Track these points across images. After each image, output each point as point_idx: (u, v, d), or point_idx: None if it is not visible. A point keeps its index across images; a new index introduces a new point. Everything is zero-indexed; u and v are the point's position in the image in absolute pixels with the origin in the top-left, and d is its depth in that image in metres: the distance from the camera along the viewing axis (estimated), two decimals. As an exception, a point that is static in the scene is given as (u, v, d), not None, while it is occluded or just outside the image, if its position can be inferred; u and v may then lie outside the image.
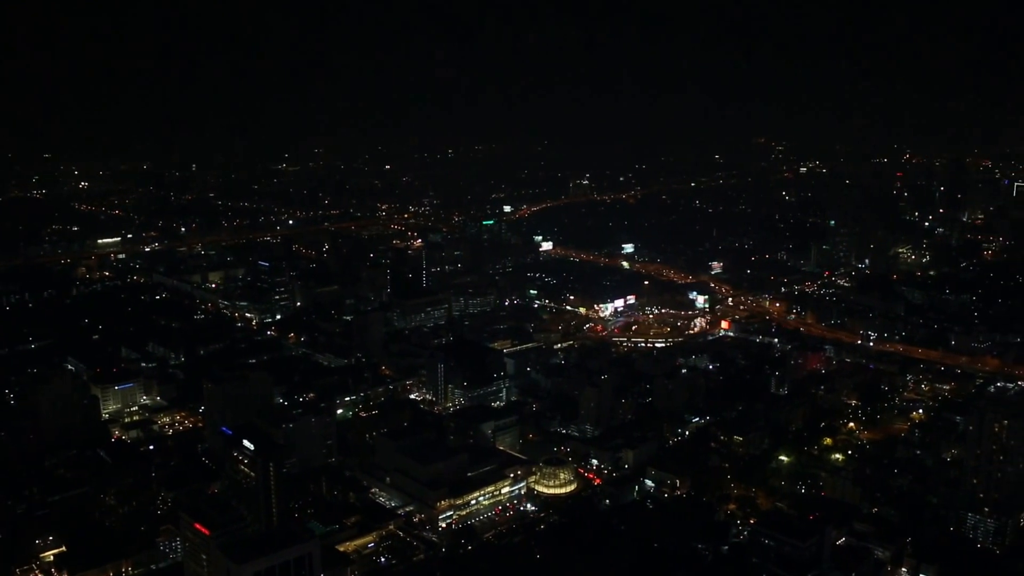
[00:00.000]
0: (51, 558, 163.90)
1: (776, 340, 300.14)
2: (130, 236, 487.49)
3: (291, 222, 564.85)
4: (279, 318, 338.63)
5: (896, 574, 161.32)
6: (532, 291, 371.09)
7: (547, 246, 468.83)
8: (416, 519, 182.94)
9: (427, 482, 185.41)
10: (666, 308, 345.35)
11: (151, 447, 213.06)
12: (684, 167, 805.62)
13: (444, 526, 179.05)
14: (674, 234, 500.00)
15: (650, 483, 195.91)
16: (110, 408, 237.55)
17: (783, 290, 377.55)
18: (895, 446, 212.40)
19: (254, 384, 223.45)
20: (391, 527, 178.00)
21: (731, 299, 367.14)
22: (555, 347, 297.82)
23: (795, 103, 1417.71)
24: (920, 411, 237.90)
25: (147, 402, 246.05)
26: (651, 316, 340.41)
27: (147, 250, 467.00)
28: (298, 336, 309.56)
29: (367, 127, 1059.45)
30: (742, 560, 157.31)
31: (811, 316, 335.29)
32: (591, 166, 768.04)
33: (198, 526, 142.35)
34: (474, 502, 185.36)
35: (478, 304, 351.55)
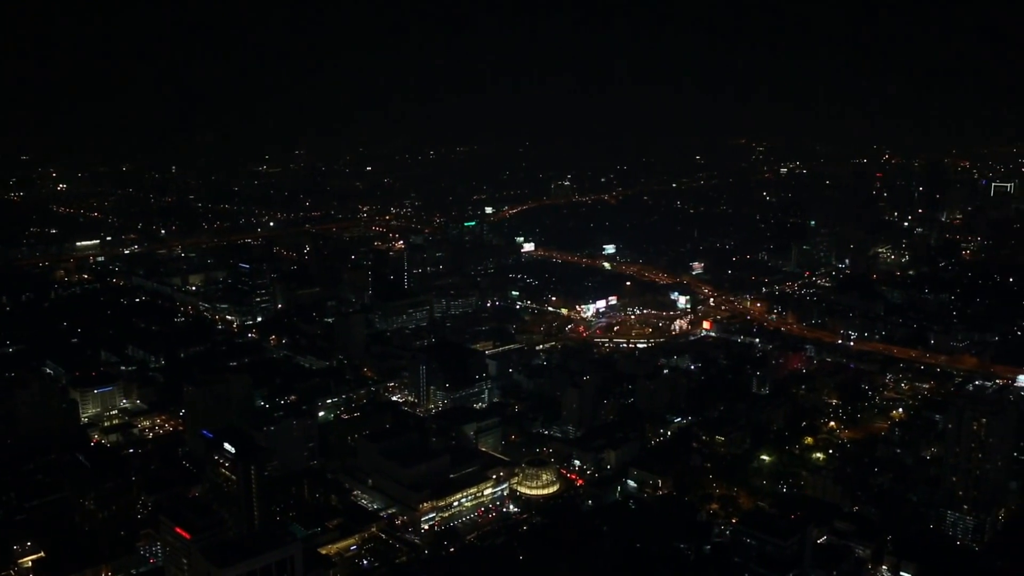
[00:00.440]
0: (29, 564, 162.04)
1: (757, 340, 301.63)
2: (109, 238, 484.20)
3: (272, 224, 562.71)
4: (260, 320, 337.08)
5: (876, 572, 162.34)
6: (514, 292, 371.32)
7: (529, 247, 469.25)
8: (398, 521, 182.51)
9: (409, 484, 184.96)
10: (648, 309, 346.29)
11: (131, 451, 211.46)
12: (665, 168, 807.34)
13: (427, 528, 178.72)
14: (655, 235, 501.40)
15: (632, 483, 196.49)
16: (89, 412, 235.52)
17: (764, 290, 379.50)
18: (875, 445, 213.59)
19: (235, 387, 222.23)
20: (373, 529, 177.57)
21: (712, 299, 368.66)
22: (537, 348, 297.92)
23: (776, 104, 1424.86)
24: (900, 410, 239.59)
25: (127, 405, 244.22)
26: (633, 317, 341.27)
27: (126, 252, 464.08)
28: (279, 338, 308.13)
29: (348, 128, 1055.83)
30: (724, 559, 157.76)
31: (792, 316, 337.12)
32: (573, 167, 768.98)
33: (179, 530, 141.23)
34: (457, 504, 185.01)
35: (460, 305, 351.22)
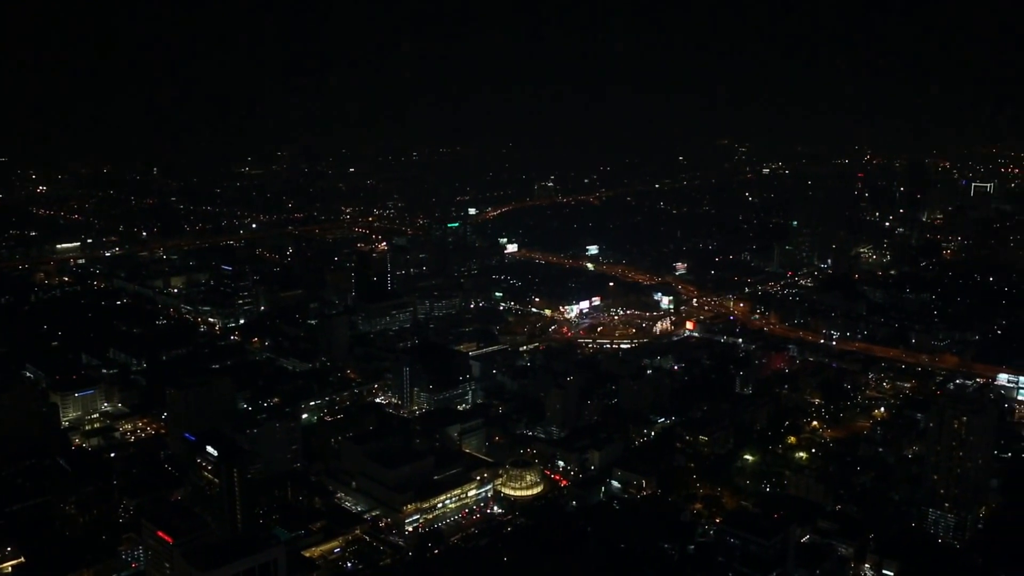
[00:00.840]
0: (9, 569, 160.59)
1: (740, 340, 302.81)
2: (90, 241, 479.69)
3: (254, 226, 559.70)
4: (243, 323, 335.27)
5: (859, 570, 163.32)
6: (497, 293, 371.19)
7: (512, 248, 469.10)
8: (382, 523, 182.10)
9: (393, 486, 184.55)
10: (631, 309, 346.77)
11: (112, 455, 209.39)
12: (648, 169, 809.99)
13: (411, 530, 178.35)
14: (639, 235, 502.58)
15: (616, 484, 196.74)
16: (70, 416, 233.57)
17: (747, 290, 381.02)
18: (858, 444, 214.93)
19: (217, 390, 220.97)
20: (357, 532, 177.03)
21: (696, 300, 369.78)
22: (521, 349, 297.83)
23: (757, 104, 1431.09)
24: (882, 409, 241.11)
25: (108, 409, 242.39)
26: (616, 317, 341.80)
27: (107, 255, 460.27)
28: (262, 341, 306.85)
29: (331, 130, 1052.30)
30: (708, 559, 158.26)
31: (775, 316, 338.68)
32: (556, 168, 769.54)
33: (161, 534, 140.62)
34: (441, 505, 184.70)
35: (443, 307, 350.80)
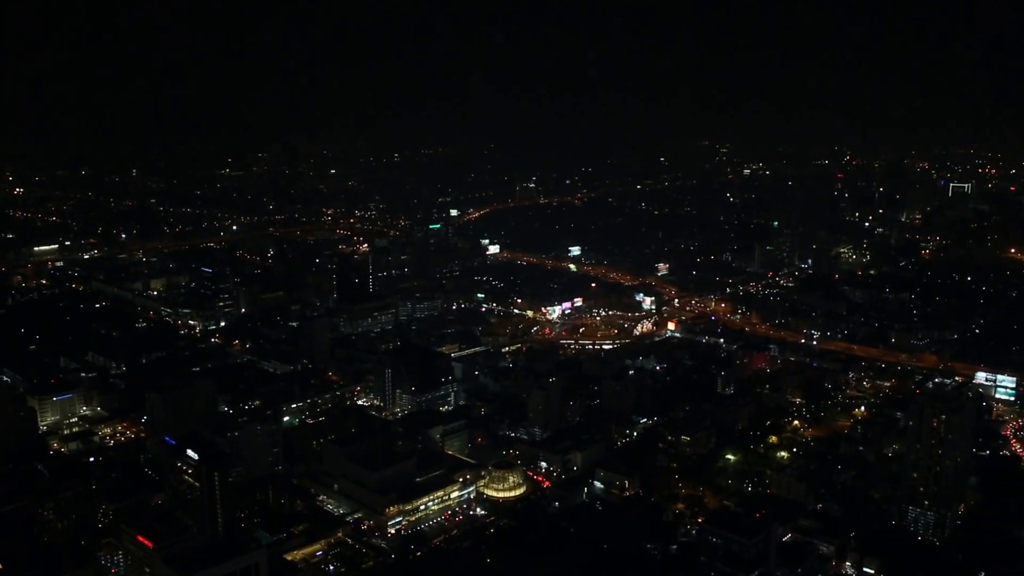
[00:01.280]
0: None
1: (722, 340, 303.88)
2: (68, 243, 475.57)
3: (235, 228, 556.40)
4: (223, 325, 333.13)
5: (840, 568, 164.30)
6: (479, 295, 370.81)
7: (494, 249, 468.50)
8: (365, 526, 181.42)
9: (375, 488, 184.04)
10: (613, 310, 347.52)
11: (91, 459, 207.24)
12: (630, 169, 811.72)
13: (393, 532, 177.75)
14: (620, 236, 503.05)
15: (599, 484, 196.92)
16: (48, 420, 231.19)
17: (728, 291, 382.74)
18: (838, 443, 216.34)
19: (198, 392, 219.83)
20: (340, 535, 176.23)
21: (677, 300, 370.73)
22: (503, 350, 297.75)
23: (738, 106, 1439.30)
24: (862, 408, 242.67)
25: (87, 413, 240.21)
26: (598, 318, 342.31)
27: (86, 257, 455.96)
28: (243, 343, 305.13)
29: (312, 131, 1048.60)
30: (691, 559, 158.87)
31: (756, 316, 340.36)
32: (538, 169, 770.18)
33: (141, 538, 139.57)
34: (423, 507, 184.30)
35: (425, 308, 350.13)
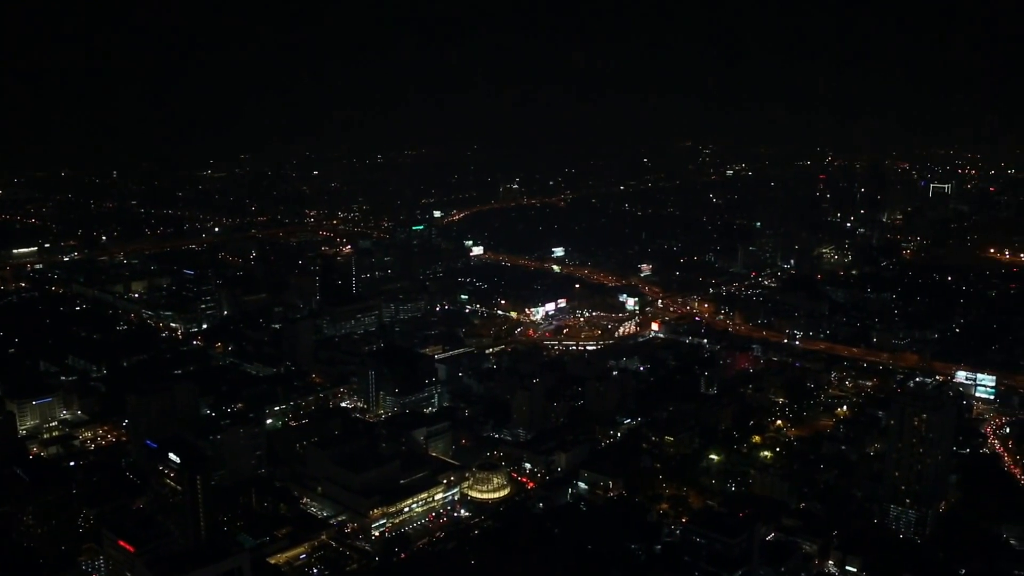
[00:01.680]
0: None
1: (705, 341, 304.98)
2: (47, 245, 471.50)
3: (217, 229, 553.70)
4: (205, 327, 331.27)
5: (823, 566, 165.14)
6: (463, 296, 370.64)
7: (478, 251, 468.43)
8: (349, 529, 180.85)
9: (359, 491, 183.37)
10: (597, 311, 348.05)
11: (72, 463, 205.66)
12: (613, 170, 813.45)
13: (377, 535, 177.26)
14: (604, 237, 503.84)
15: (583, 485, 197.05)
16: (27, 424, 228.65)
17: (711, 291, 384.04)
18: (821, 442, 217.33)
19: (180, 395, 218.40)
20: (323, 537, 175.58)
21: (661, 301, 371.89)
22: (487, 352, 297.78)
23: (720, 106, 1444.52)
24: (844, 407, 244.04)
25: (67, 417, 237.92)
26: (582, 319, 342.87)
27: (66, 260, 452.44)
28: (225, 345, 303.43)
29: (294, 133, 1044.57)
30: (674, 559, 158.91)
31: (739, 316, 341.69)
32: (521, 170, 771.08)
33: (123, 543, 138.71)
34: (407, 509, 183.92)
35: (409, 310, 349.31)
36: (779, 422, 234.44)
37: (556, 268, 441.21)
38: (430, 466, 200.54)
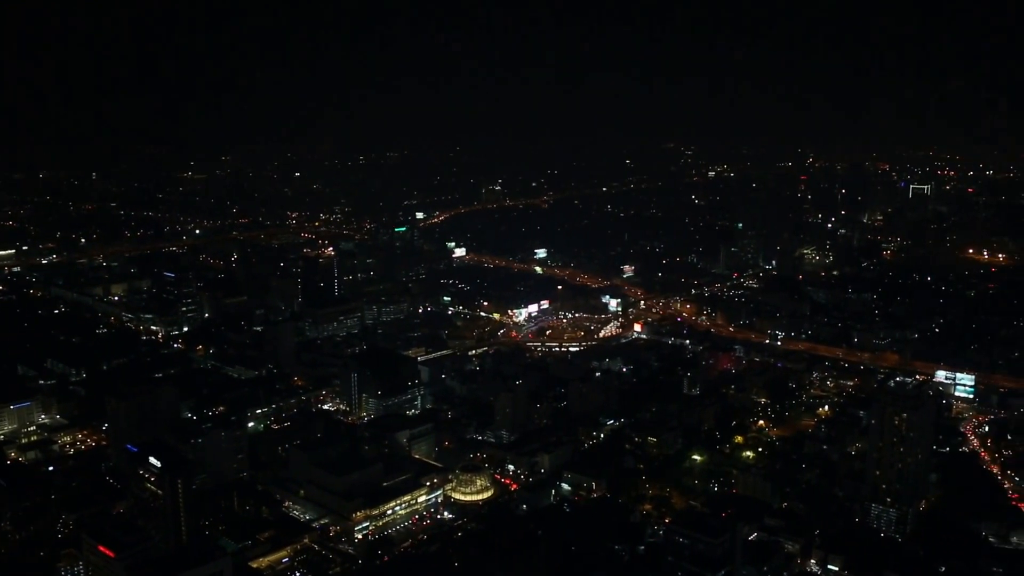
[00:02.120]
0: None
1: (688, 341, 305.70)
2: (25, 248, 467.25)
3: (198, 231, 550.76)
4: (186, 330, 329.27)
5: (805, 566, 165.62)
6: (446, 298, 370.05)
7: (460, 252, 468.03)
8: (331, 532, 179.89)
9: (342, 493, 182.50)
10: (579, 312, 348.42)
11: (51, 468, 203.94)
12: (595, 172, 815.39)
13: (360, 538, 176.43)
14: (586, 238, 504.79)
15: (566, 487, 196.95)
16: (5, 429, 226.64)
17: (694, 292, 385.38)
18: (803, 442, 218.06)
19: (160, 399, 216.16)
20: (306, 541, 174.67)
21: (643, 302, 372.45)
22: (469, 353, 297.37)
23: (702, 108, 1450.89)
24: (826, 407, 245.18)
25: (46, 421, 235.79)
26: (565, 320, 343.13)
27: (44, 262, 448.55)
28: (206, 348, 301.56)
29: (276, 134, 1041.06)
30: (658, 559, 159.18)
31: (721, 317, 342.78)
32: (503, 172, 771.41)
33: (102, 548, 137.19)
34: (390, 512, 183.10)
35: (391, 312, 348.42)
36: (761, 422, 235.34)
37: (539, 269, 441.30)
38: (413, 468, 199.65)
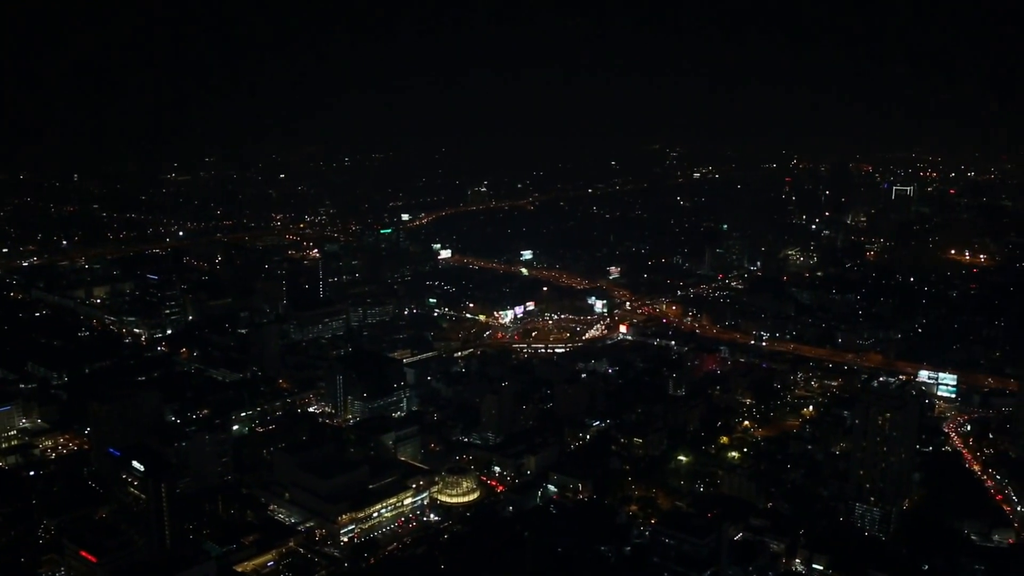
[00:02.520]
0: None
1: (673, 343, 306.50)
2: (6, 250, 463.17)
3: (181, 233, 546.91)
4: (170, 333, 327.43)
5: (791, 565, 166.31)
6: (431, 300, 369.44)
7: (446, 254, 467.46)
8: (317, 535, 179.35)
9: (327, 496, 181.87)
10: (565, 314, 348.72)
11: (32, 473, 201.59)
12: (581, 173, 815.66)
13: (346, 540, 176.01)
14: (572, 240, 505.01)
15: (552, 488, 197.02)
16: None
17: (679, 293, 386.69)
18: (787, 442, 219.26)
19: (143, 402, 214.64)
20: (291, 544, 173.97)
21: (629, 303, 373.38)
22: (455, 355, 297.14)
23: (687, 109, 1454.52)
24: (810, 407, 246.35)
25: (27, 425, 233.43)
26: (551, 322, 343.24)
27: (25, 265, 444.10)
28: (190, 351, 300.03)
29: (260, 135, 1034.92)
30: (644, 560, 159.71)
31: (706, 318, 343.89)
32: (489, 173, 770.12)
33: (84, 553, 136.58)
34: (376, 515, 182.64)
35: (377, 314, 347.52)
36: (746, 423, 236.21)
37: (524, 271, 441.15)
38: (399, 471, 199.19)
